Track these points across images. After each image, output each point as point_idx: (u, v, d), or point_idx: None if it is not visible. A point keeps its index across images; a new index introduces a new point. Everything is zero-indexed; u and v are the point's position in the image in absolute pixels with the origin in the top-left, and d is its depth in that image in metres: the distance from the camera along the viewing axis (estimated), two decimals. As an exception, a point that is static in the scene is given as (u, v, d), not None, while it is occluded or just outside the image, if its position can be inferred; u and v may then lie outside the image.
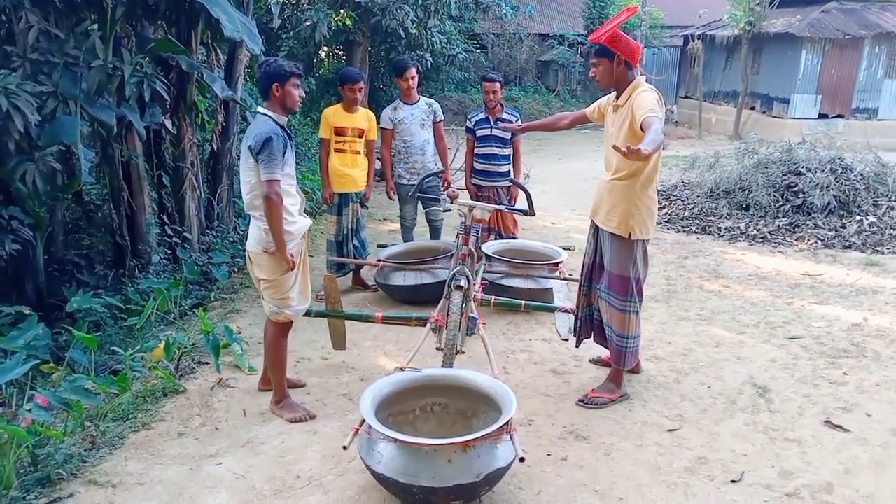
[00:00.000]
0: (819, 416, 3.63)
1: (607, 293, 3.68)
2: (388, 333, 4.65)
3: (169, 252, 5.99)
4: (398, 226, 7.84)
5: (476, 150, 5.73)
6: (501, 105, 5.69)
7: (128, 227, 5.66)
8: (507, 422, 2.76)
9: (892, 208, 7.44)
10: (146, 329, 4.64)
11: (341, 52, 14.58)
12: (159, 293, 4.91)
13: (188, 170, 6.14)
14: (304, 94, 3.46)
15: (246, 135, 3.35)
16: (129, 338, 4.63)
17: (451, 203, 3.74)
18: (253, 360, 4.16)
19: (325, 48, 14.04)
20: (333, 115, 5.15)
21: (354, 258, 5.36)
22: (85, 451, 3.14)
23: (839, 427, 3.51)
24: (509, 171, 5.76)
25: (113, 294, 5.04)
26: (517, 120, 5.72)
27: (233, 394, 3.80)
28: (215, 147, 6.78)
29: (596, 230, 3.76)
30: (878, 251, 6.68)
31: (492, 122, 5.63)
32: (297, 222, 3.44)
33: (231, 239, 6.62)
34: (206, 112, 6.68)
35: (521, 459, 2.62)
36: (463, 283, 3.50)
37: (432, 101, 5.78)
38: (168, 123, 5.79)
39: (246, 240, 6.58)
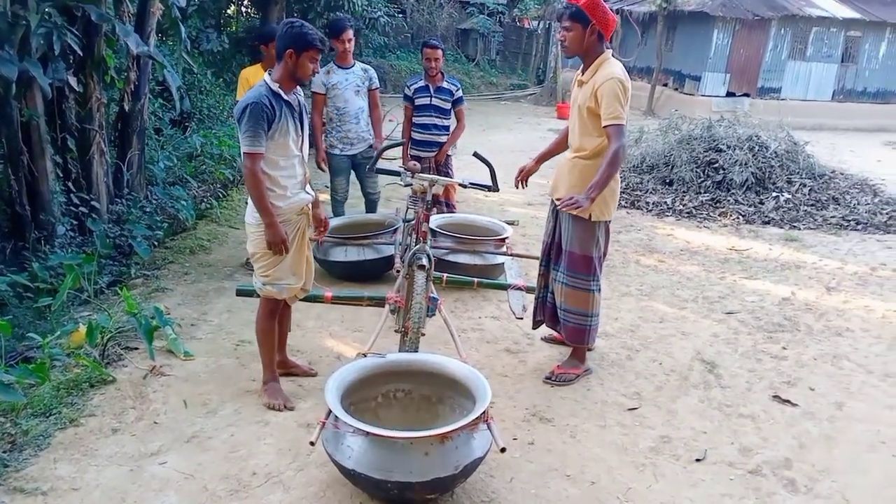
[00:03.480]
0: (767, 391, 3.72)
1: (565, 274, 3.58)
2: (331, 313, 4.41)
3: (75, 223, 5.44)
4: (326, 196, 7.52)
5: (414, 119, 5.51)
6: (442, 74, 5.50)
7: (28, 194, 5.08)
8: (485, 410, 2.63)
9: (805, 185, 7.80)
10: (60, 311, 4.18)
11: (253, 12, 13.81)
12: (70, 269, 4.43)
13: (95, 132, 5.60)
14: (318, 70, 3.20)
15: None
16: (40, 320, 4.16)
17: (412, 177, 3.52)
18: (188, 344, 3.82)
19: (235, 4, 13.24)
20: (254, 75, 4.81)
21: None
22: (4, 452, 2.76)
23: (787, 402, 3.61)
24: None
25: (15, 271, 4.52)
26: (458, 90, 5.55)
27: (169, 382, 3.46)
28: (126, 108, 6.21)
29: (555, 208, 3.65)
30: (795, 227, 7.00)
31: (432, 91, 5.44)
32: (289, 198, 3.15)
33: (146, 209, 6.10)
34: (115, 69, 6.08)
35: (503, 450, 2.50)
36: (425, 261, 3.32)
37: (368, 67, 5.44)
38: (73, 81, 5.21)
39: (160, 210, 6.20)
